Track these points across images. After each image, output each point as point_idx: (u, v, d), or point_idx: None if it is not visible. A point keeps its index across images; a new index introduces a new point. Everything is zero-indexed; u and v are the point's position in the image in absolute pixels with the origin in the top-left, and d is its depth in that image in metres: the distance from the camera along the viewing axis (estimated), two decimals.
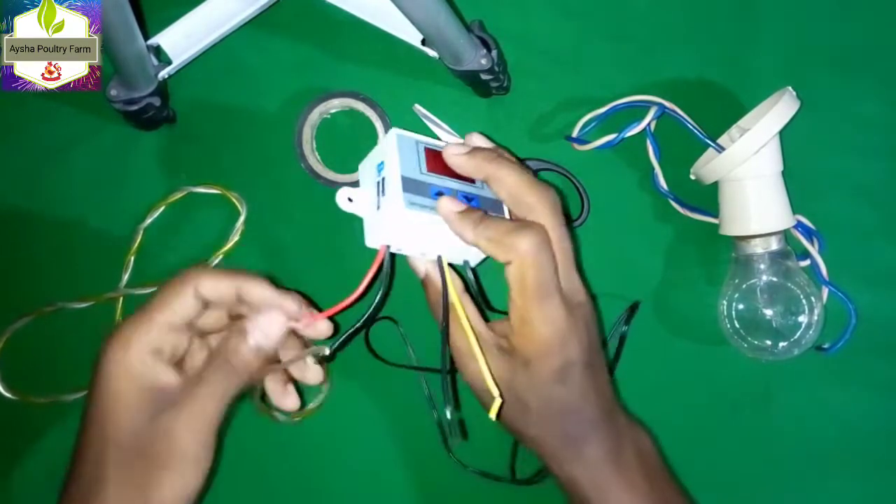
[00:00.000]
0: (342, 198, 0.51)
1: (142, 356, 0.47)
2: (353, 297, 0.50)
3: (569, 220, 0.60)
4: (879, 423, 0.62)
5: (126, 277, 0.64)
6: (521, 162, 0.56)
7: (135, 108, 0.60)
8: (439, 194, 0.50)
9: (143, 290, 0.64)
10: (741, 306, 0.60)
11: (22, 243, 0.65)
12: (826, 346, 0.61)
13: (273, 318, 0.49)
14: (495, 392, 0.49)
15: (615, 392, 0.54)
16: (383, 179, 0.50)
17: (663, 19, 0.66)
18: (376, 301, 0.51)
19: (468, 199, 0.51)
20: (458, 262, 0.55)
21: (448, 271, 0.52)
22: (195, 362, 0.51)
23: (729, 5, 0.65)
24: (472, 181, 0.53)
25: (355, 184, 0.63)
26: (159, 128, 0.65)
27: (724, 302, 0.61)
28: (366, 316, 0.52)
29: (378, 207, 0.51)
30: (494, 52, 0.59)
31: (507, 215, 0.53)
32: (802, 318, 0.59)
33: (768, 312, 0.60)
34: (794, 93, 0.58)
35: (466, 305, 0.53)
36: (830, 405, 0.63)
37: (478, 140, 0.55)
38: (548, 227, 0.49)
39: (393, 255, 0.52)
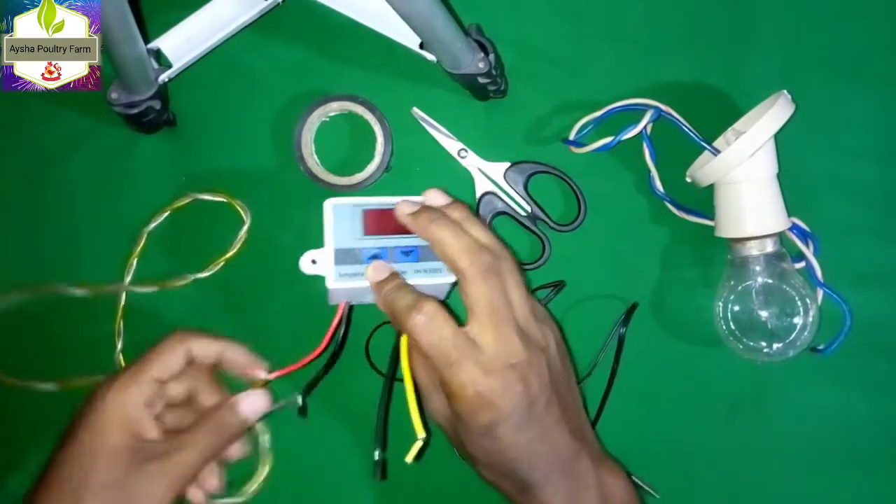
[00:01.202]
0: (306, 261, 0.55)
1: (137, 405, 0.51)
2: (315, 352, 0.56)
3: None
4: (874, 424, 0.63)
5: (128, 280, 0.64)
6: (476, 215, 0.58)
7: (135, 111, 0.60)
8: (374, 257, 0.55)
9: (144, 287, 0.64)
10: (737, 308, 0.61)
11: (22, 244, 0.66)
12: (821, 347, 0.62)
13: (263, 397, 0.55)
14: (420, 433, 0.50)
15: (581, 438, 0.53)
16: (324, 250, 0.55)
17: (659, 23, 0.66)
18: (327, 360, 0.57)
19: (406, 253, 0.55)
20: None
21: (405, 347, 0.54)
22: (166, 423, 0.54)
23: (725, 9, 0.66)
24: (412, 233, 0.55)
25: (354, 187, 0.64)
26: (159, 131, 0.66)
27: (720, 303, 0.61)
28: (325, 367, 0.58)
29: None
30: (492, 56, 0.60)
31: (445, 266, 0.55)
32: (797, 320, 0.60)
33: (763, 314, 0.60)
34: (790, 96, 0.59)
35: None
36: (825, 406, 0.63)
37: (433, 198, 0.56)
38: (475, 293, 0.50)
39: (352, 308, 0.58)
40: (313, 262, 0.55)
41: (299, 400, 0.58)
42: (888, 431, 0.62)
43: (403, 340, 0.53)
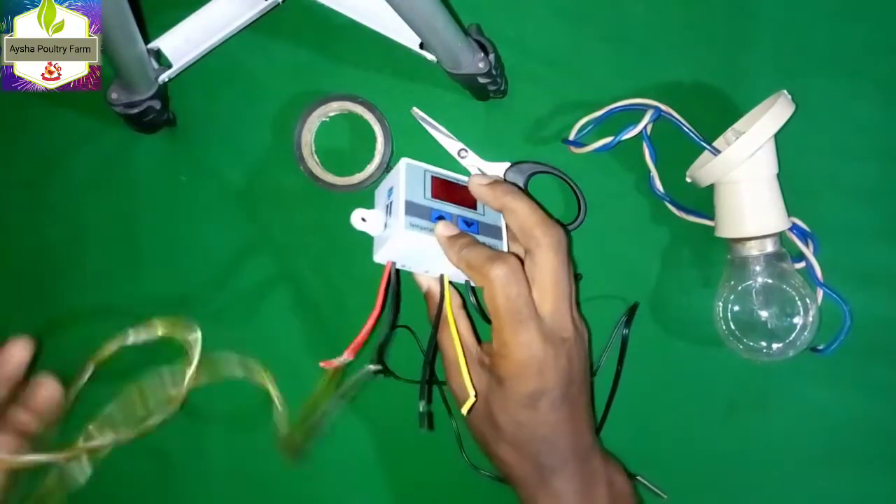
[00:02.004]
0: (356, 218, 0.55)
1: None
2: (374, 314, 0.53)
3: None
4: (874, 424, 0.62)
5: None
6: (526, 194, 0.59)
7: (135, 111, 0.60)
8: (439, 218, 0.55)
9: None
10: (736, 308, 0.61)
11: (22, 245, 0.66)
12: (821, 347, 0.62)
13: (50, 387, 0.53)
14: (470, 391, 0.51)
15: (594, 434, 0.55)
16: (391, 203, 0.55)
17: (660, 23, 0.66)
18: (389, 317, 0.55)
19: (468, 223, 0.56)
20: (461, 280, 0.57)
21: (448, 288, 0.56)
22: None
23: (724, 9, 0.66)
24: (474, 208, 0.57)
25: (354, 187, 0.64)
26: (159, 131, 0.66)
27: (720, 303, 0.61)
28: (391, 325, 0.55)
29: (385, 227, 0.55)
30: (492, 56, 0.60)
31: (504, 242, 0.57)
32: (797, 320, 0.60)
33: (763, 314, 0.60)
34: (790, 96, 0.59)
35: (460, 320, 0.56)
36: (825, 406, 0.63)
37: (502, 180, 0.58)
38: (545, 262, 0.52)
39: (398, 272, 0.56)
40: (363, 219, 0.55)
41: (372, 369, 0.57)
42: (888, 431, 0.62)
43: (448, 309, 0.54)
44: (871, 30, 0.66)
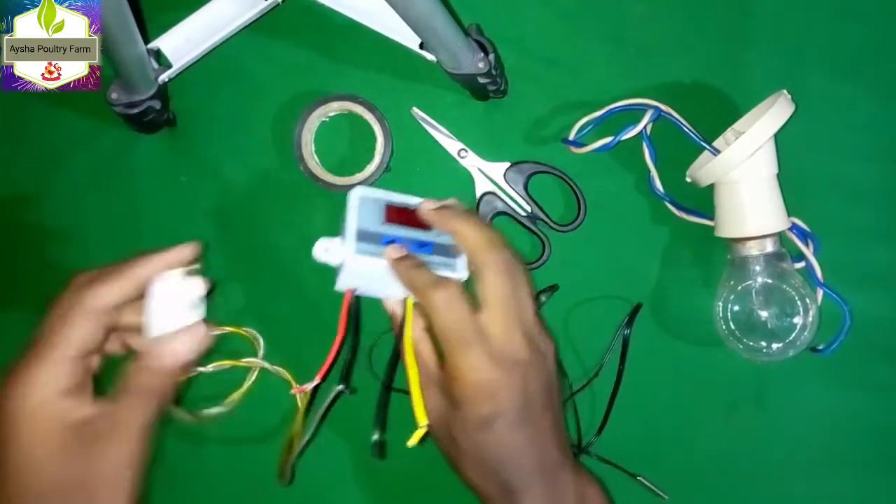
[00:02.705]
0: (320, 249, 0.55)
1: (49, 398, 0.45)
2: (337, 341, 0.55)
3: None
4: (874, 424, 0.63)
5: None
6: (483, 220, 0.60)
7: (135, 111, 0.60)
8: (390, 242, 0.56)
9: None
10: (736, 308, 0.61)
11: (22, 245, 0.66)
12: (821, 347, 0.62)
13: (186, 336, 0.48)
14: (422, 420, 0.52)
15: (565, 449, 0.53)
16: (345, 232, 0.56)
17: (659, 23, 0.66)
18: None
19: (422, 245, 0.56)
20: None
21: (410, 312, 0.56)
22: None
23: (724, 9, 0.66)
24: (429, 229, 0.57)
25: (351, 187, 0.64)
26: (159, 131, 0.66)
27: (720, 303, 0.61)
28: (352, 351, 0.57)
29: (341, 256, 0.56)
30: (492, 56, 0.60)
31: (461, 260, 0.57)
32: (797, 320, 0.60)
33: (763, 314, 0.60)
34: (790, 96, 0.59)
35: (423, 343, 0.55)
36: (825, 406, 0.63)
37: (452, 203, 0.58)
38: (492, 284, 0.52)
39: (358, 299, 0.57)
40: (326, 249, 0.55)
41: (342, 389, 0.57)
42: (888, 431, 0.62)
43: (408, 332, 0.54)
44: (871, 30, 0.66)
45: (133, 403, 0.47)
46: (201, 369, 0.59)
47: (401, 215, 0.58)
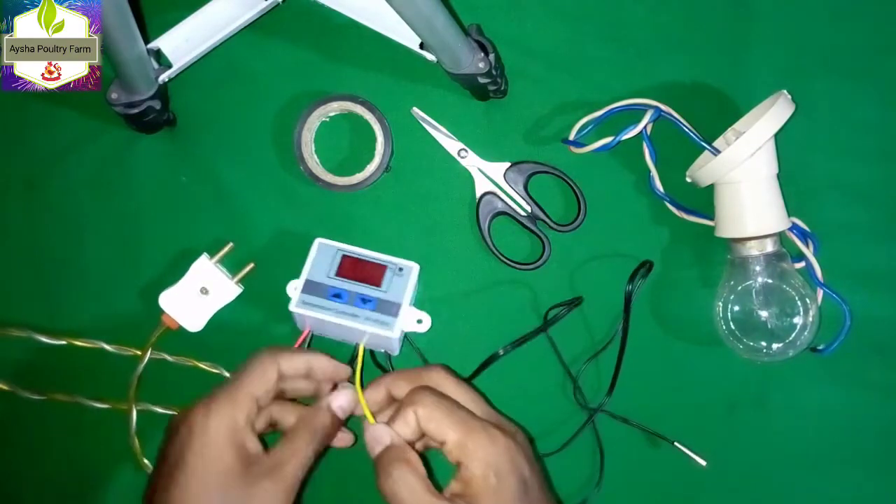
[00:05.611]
0: (290, 287, 0.60)
1: (241, 424, 0.51)
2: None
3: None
4: (874, 424, 0.63)
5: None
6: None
7: (135, 111, 0.60)
8: (335, 296, 0.59)
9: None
10: (737, 308, 0.61)
11: (22, 245, 0.66)
12: (821, 347, 0.62)
13: (349, 394, 0.55)
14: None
15: None
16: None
17: (660, 23, 0.66)
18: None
19: (365, 300, 0.59)
20: (379, 349, 0.62)
21: (361, 355, 0.58)
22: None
23: (725, 9, 0.66)
24: (378, 286, 0.60)
25: (353, 187, 0.65)
26: (159, 131, 0.66)
27: (720, 303, 0.61)
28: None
29: None
30: (492, 56, 0.60)
31: (399, 319, 0.58)
32: (797, 320, 0.60)
33: (763, 314, 0.60)
34: (790, 96, 0.59)
35: (418, 466, 0.51)
36: (825, 406, 0.63)
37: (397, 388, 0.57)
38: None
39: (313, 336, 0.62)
40: (295, 288, 0.59)
41: None
42: (888, 431, 0.62)
43: (359, 367, 0.58)
44: (871, 30, 0.66)
45: (295, 450, 0.51)
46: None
47: (354, 268, 0.60)
